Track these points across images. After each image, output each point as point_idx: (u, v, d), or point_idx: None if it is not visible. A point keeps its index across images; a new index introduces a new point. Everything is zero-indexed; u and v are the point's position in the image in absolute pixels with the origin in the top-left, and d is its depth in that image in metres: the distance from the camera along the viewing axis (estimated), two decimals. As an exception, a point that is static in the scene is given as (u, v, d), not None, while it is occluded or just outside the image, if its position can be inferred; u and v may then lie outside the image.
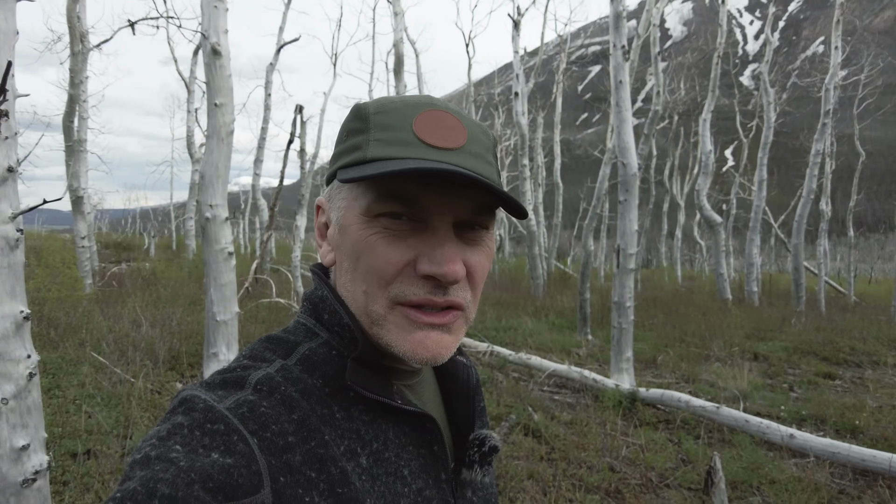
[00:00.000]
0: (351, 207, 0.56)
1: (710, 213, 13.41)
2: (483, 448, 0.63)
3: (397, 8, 7.79)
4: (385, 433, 0.56)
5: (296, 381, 0.53)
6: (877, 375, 7.18)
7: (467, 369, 0.70)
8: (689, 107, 23.08)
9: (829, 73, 12.43)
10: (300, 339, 0.58)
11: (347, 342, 0.58)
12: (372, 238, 0.54)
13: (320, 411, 0.53)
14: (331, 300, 0.60)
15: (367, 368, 0.56)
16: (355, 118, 0.58)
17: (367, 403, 0.56)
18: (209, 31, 3.91)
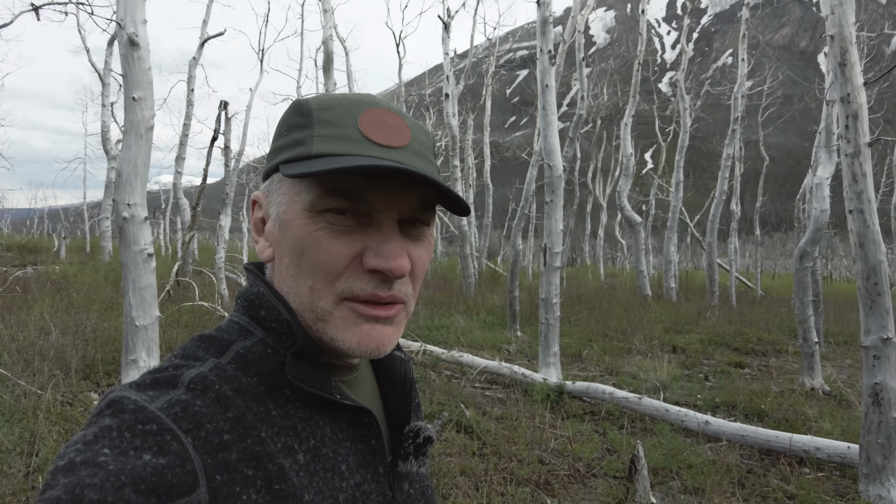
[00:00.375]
0: (293, 203, 0.56)
1: (631, 214, 14.04)
2: (418, 440, 0.64)
3: (326, 5, 7.67)
4: (322, 429, 0.55)
5: (230, 379, 0.52)
6: (779, 363, 7.78)
7: (404, 364, 0.71)
8: (611, 111, 24.07)
9: (737, 83, 13.33)
10: (234, 338, 0.57)
11: (285, 339, 0.57)
12: (317, 233, 0.54)
13: (256, 409, 0.52)
14: (268, 296, 0.58)
15: (305, 364, 0.55)
16: (296, 113, 0.58)
17: (304, 400, 0.55)
18: (125, 20, 3.71)
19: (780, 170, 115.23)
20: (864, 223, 3.37)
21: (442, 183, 0.54)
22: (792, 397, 5.80)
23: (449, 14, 13.37)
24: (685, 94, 15.77)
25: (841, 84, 3.21)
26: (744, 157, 19.68)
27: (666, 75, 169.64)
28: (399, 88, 20.55)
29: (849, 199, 3.37)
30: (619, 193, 14.04)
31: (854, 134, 3.25)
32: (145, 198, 3.92)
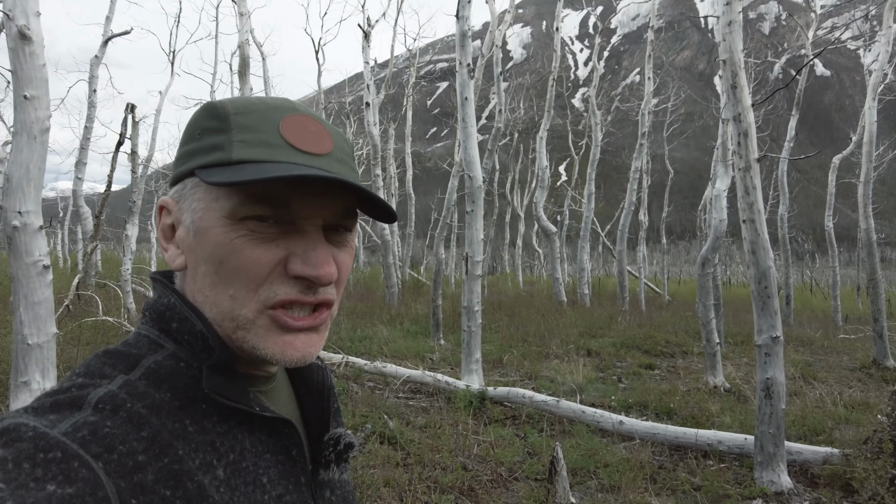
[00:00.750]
0: (210, 209, 0.54)
1: (547, 224, 14.54)
2: (338, 447, 0.64)
3: (242, 8, 7.45)
4: (241, 443, 0.54)
5: (142, 396, 0.50)
6: (686, 363, 8.28)
7: (321, 371, 0.70)
8: (527, 125, 24.86)
9: (644, 101, 14.17)
10: (143, 352, 0.54)
11: (199, 351, 0.55)
12: (238, 241, 0.52)
13: (171, 426, 0.50)
14: (180, 307, 0.56)
15: (222, 376, 0.54)
16: (210, 116, 0.56)
17: (221, 414, 0.53)
18: (15, 11, 3.43)
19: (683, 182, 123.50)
20: (755, 232, 3.68)
21: (371, 192, 0.55)
22: (697, 395, 6.19)
23: (369, 23, 13.35)
24: (597, 109, 16.56)
25: (733, 104, 3.50)
26: (651, 170, 20.94)
27: (579, 91, 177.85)
28: (318, 95, 20.24)
29: (742, 210, 3.67)
30: (536, 204, 14.50)
31: (745, 150, 3.55)
32: (40, 205, 3.62)
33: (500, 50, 11.71)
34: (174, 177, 0.58)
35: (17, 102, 3.58)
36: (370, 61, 13.15)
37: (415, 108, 21.51)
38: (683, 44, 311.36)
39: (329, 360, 6.87)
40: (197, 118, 0.58)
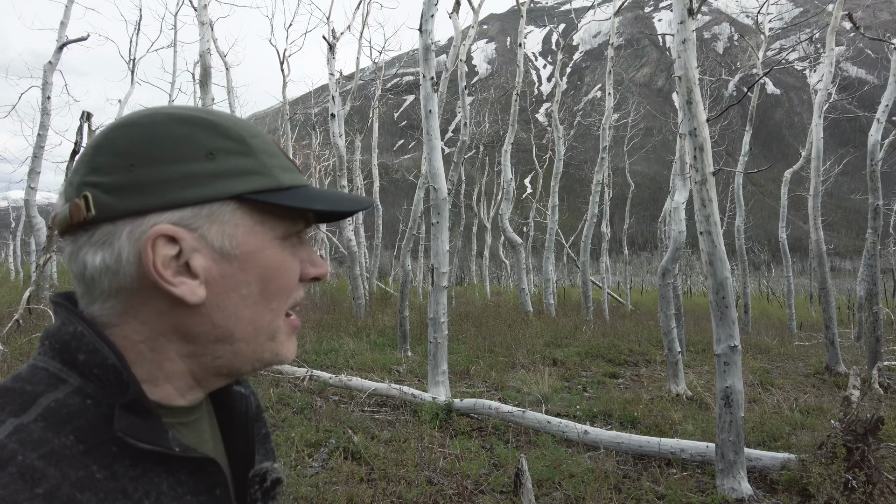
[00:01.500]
0: (255, 232, 0.54)
1: (512, 235, 14.68)
2: (265, 483, 0.61)
3: (203, 17, 7.36)
4: (158, 486, 0.49)
5: (37, 444, 0.44)
6: (649, 372, 8.42)
7: (245, 399, 0.67)
8: (493, 138, 25.14)
9: (605, 115, 14.49)
10: (40, 389, 0.48)
11: (110, 387, 0.49)
12: (287, 259, 0.56)
13: (75, 476, 0.44)
14: (89, 337, 0.50)
15: (137, 415, 0.49)
16: (221, 136, 0.53)
17: (134, 456, 0.48)
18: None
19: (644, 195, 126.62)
20: (712, 243, 3.78)
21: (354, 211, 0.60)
22: (660, 403, 6.29)
23: (334, 35, 13.33)
24: (559, 124, 16.86)
25: (689, 119, 3.61)
26: (612, 182, 21.39)
27: (542, 106, 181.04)
28: (284, 106, 20.07)
29: (699, 222, 3.77)
30: (502, 216, 14.63)
31: (701, 164, 3.66)
32: (-14, 217, 3.48)
33: (465, 64, 11.83)
34: (165, 203, 0.51)
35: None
36: (335, 73, 13.11)
37: (381, 120, 21.52)
38: (643, 61, 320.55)
39: (293, 373, 6.75)
40: (193, 135, 0.52)
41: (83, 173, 0.51)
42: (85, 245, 0.51)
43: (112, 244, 0.50)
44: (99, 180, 0.50)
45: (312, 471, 3.99)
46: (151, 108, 0.55)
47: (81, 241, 0.51)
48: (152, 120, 0.52)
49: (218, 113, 0.56)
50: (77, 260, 0.52)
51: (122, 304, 0.52)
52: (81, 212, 0.50)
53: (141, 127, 0.52)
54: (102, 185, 0.50)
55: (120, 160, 0.50)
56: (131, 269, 0.50)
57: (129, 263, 0.50)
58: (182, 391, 0.55)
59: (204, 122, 0.53)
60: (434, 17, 6.04)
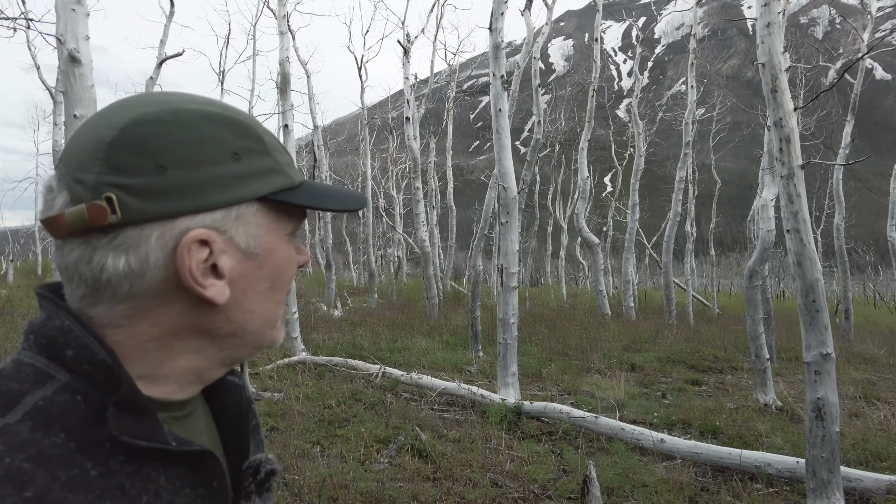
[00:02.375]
0: (272, 230, 0.55)
1: (589, 235, 14.31)
2: (259, 475, 0.61)
3: (282, 28, 7.70)
4: (155, 481, 0.48)
5: (24, 445, 0.42)
6: (735, 380, 7.95)
7: (238, 389, 0.66)
8: (569, 136, 24.65)
9: (688, 109, 13.84)
10: (26, 387, 0.46)
11: (100, 383, 0.48)
12: (292, 253, 0.58)
13: (66, 476, 0.43)
14: (77, 331, 0.48)
15: (131, 412, 0.47)
16: (243, 136, 0.53)
17: (129, 453, 0.47)
18: (66, 35, 3.63)
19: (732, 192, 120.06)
20: (800, 242, 3.50)
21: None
22: (745, 413, 5.92)
23: (409, 39, 13.54)
24: (639, 119, 16.28)
25: (773, 109, 3.35)
26: (697, 180, 20.39)
27: (623, 102, 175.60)
28: (362, 112, 20.62)
29: (786, 220, 3.50)
30: (578, 216, 14.31)
31: (788, 157, 3.39)
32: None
33: (541, 62, 11.67)
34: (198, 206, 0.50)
35: (68, 122, 3.77)
36: (410, 77, 13.32)
37: (456, 121, 21.64)
38: (730, 52, 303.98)
39: (366, 370, 6.91)
40: (219, 135, 0.51)
41: (98, 172, 0.47)
42: (104, 248, 0.48)
43: (138, 248, 0.48)
44: (124, 181, 0.47)
45: (379, 466, 4.06)
46: (168, 99, 0.52)
47: (98, 243, 0.48)
48: (178, 117, 0.50)
49: (234, 108, 0.55)
50: (91, 264, 0.48)
51: (134, 307, 0.50)
52: (106, 215, 0.47)
53: (167, 125, 0.49)
54: (129, 187, 0.47)
55: (149, 161, 0.48)
56: (158, 273, 0.49)
57: (157, 268, 0.49)
58: (182, 387, 0.54)
59: (228, 120, 0.53)
60: (504, 16, 5.99)
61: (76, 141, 0.50)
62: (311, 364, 7.17)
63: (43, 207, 0.50)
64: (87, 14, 3.68)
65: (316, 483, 3.53)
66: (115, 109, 0.51)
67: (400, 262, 25.41)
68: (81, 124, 0.52)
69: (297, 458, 3.95)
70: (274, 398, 5.64)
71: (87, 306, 0.50)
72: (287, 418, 4.97)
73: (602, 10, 13.87)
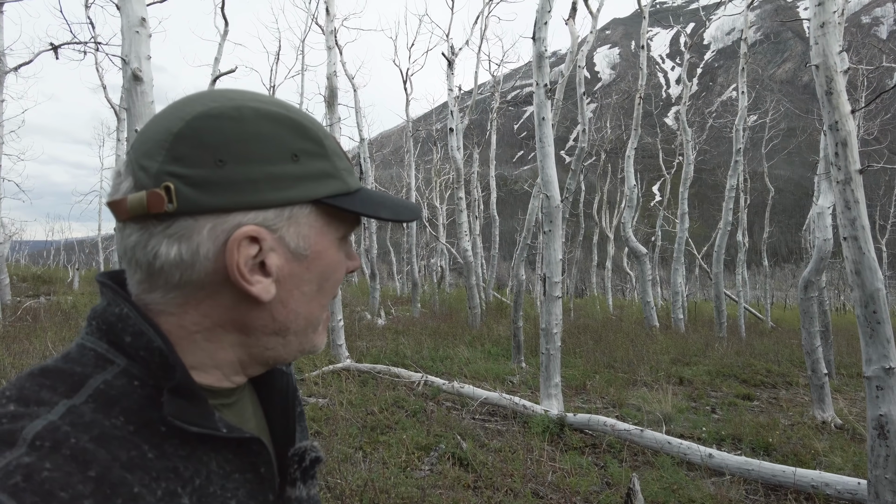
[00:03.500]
0: (324, 233, 0.56)
1: (636, 245, 14.02)
2: (304, 462, 0.62)
3: (330, 43, 7.92)
4: (207, 465, 0.50)
5: (89, 426, 0.44)
6: (789, 395, 7.62)
7: (285, 377, 0.68)
8: (615, 145, 24.28)
9: (739, 116, 13.44)
10: (89, 370, 0.48)
11: (156, 369, 0.50)
12: (341, 258, 0.59)
13: (126, 456, 0.44)
14: (135, 319, 0.50)
15: (184, 398, 0.49)
16: (302, 137, 0.54)
17: (183, 436, 0.49)
18: (130, 56, 3.84)
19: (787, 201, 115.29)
20: (858, 250, 3.35)
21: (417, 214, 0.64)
22: (801, 430, 5.66)
23: (453, 52, 13.67)
24: (688, 127, 15.90)
25: (828, 112, 3.23)
26: (750, 188, 19.72)
27: (671, 109, 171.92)
28: (407, 124, 20.88)
29: (842, 227, 3.36)
30: (624, 225, 14.05)
31: (844, 161, 3.26)
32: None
33: (586, 70, 11.58)
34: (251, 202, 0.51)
35: (130, 137, 3.99)
36: (454, 88, 13.43)
37: (500, 132, 21.66)
38: (785, 55, 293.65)
39: (408, 378, 6.95)
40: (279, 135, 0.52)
41: (162, 161, 0.49)
42: (159, 235, 0.49)
43: (191, 238, 0.49)
44: (183, 172, 0.48)
45: (420, 473, 4.08)
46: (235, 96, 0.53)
47: (154, 230, 0.49)
48: (240, 114, 0.51)
49: (297, 110, 0.56)
50: (147, 249, 0.49)
51: (186, 295, 0.51)
52: (163, 203, 0.48)
53: (230, 121, 0.50)
54: (187, 178, 0.48)
55: (208, 154, 0.49)
56: (208, 264, 0.50)
57: (207, 259, 0.50)
58: (228, 375, 0.56)
59: (289, 121, 0.53)
60: (547, 25, 5.99)
61: (147, 130, 0.52)
62: (356, 371, 7.27)
63: (110, 191, 0.52)
64: (149, 35, 3.88)
65: (358, 487, 3.58)
66: (186, 102, 0.52)
67: (443, 272, 25.47)
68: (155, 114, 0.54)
69: (340, 462, 4.01)
70: (319, 404, 5.75)
71: (143, 292, 0.52)
72: (331, 423, 5.05)
73: (648, 16, 13.66)
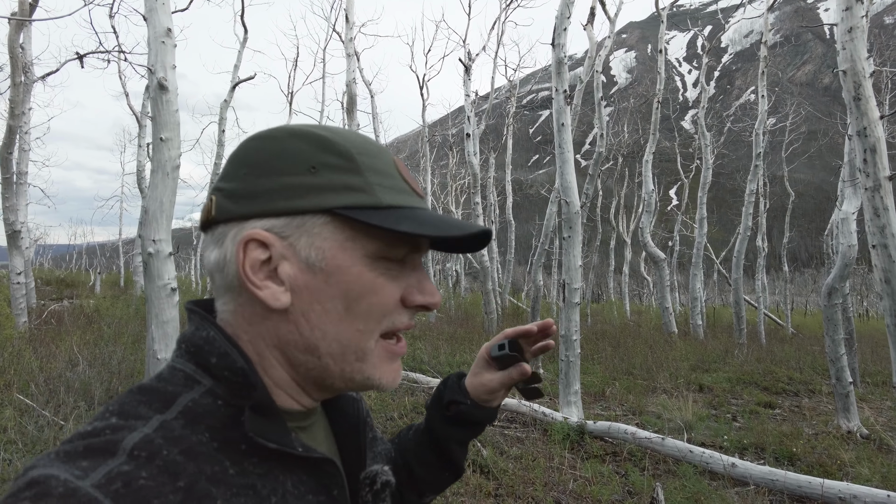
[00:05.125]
0: (346, 249, 0.54)
1: (654, 250, 13.90)
2: (375, 486, 0.63)
3: (349, 50, 7.98)
4: (283, 485, 0.52)
5: (178, 440, 0.47)
6: (812, 403, 7.49)
7: (356, 403, 0.70)
8: (632, 149, 24.14)
9: (758, 119, 13.29)
10: (179, 389, 0.51)
11: (239, 389, 0.52)
12: (379, 280, 0.55)
13: (210, 471, 0.47)
14: (220, 341, 0.54)
15: (264, 417, 0.52)
16: (326, 152, 0.55)
17: (261, 455, 0.51)
18: (156, 65, 3.91)
19: (808, 205, 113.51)
20: (889, 258, 3.30)
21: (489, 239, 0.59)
22: (826, 440, 5.56)
23: (470, 57, 13.70)
24: (706, 131, 15.76)
25: (857, 118, 3.19)
26: (769, 192, 19.47)
27: (688, 113, 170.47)
28: (423, 129, 20.95)
29: (871, 234, 3.31)
30: (642, 230, 13.94)
31: (873, 168, 3.22)
32: (170, 234, 4.04)
33: (602, 75, 11.54)
34: (271, 209, 0.54)
35: (155, 144, 4.05)
36: (471, 94, 13.46)
37: (517, 136, 21.64)
38: (805, 58, 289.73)
39: (427, 383, 6.96)
40: (302, 150, 0.55)
41: (217, 179, 0.58)
42: (207, 241, 0.57)
43: (223, 244, 0.55)
44: (222, 185, 0.56)
45: (442, 480, 4.07)
46: (286, 125, 0.58)
47: (207, 238, 0.57)
48: (275, 134, 0.56)
49: (338, 130, 0.58)
50: (205, 255, 0.57)
51: (233, 302, 0.56)
52: (209, 213, 0.56)
53: (264, 140, 0.56)
54: (224, 190, 0.55)
55: (238, 168, 0.55)
56: (233, 268, 0.54)
57: (231, 262, 0.54)
58: (295, 397, 0.58)
59: (316, 137, 0.56)
60: (567, 31, 5.98)
61: None
62: (374, 376, 7.28)
63: None
64: (175, 45, 3.95)
65: (380, 493, 3.58)
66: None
67: (458, 277, 25.47)
68: None
69: (362, 467, 4.02)
70: (338, 408, 5.77)
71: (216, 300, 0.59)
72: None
73: (666, 20, 13.58)
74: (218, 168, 15.15)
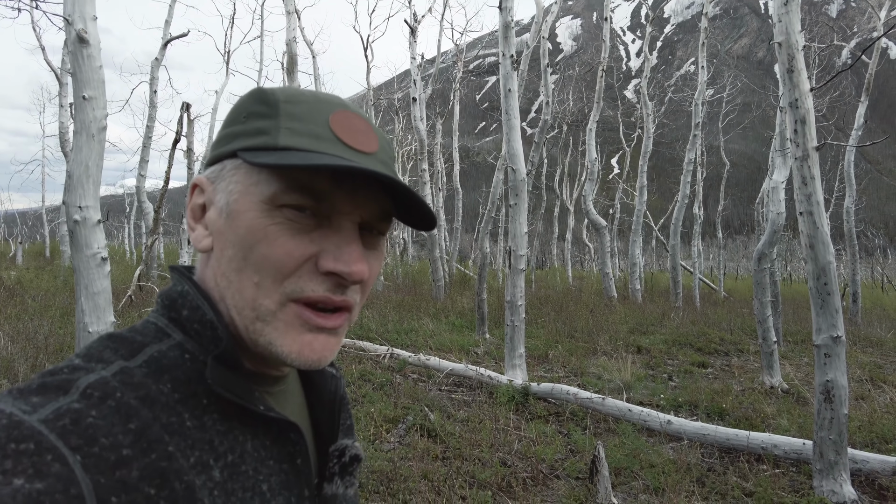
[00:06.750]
0: (248, 193, 0.52)
1: (596, 217, 14.25)
2: (343, 459, 0.61)
3: (289, 7, 7.61)
4: (242, 445, 0.51)
5: (137, 386, 0.47)
6: (741, 362, 7.96)
7: (335, 381, 0.69)
8: (577, 117, 24.43)
9: (698, 90, 13.68)
10: (148, 340, 0.52)
11: (207, 342, 0.53)
12: (272, 228, 0.51)
13: (166, 419, 0.47)
14: (192, 295, 0.54)
15: (228, 369, 0.51)
16: (259, 102, 0.55)
17: (223, 412, 0.50)
18: (74, 16, 3.60)
19: (741, 175, 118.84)
20: (813, 225, 3.48)
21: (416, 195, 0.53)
22: (752, 396, 5.94)
23: (415, 18, 13.39)
24: (648, 100, 16.10)
25: (789, 90, 3.31)
26: (706, 162, 20.21)
27: (631, 83, 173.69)
28: (367, 92, 20.49)
29: (799, 202, 3.47)
30: (585, 198, 14.24)
31: (802, 138, 3.36)
32: (98, 200, 3.80)
33: (549, 42, 11.52)
34: (212, 157, 0.57)
35: (77, 103, 3.76)
36: (417, 57, 13.20)
37: (463, 102, 21.47)
38: (741, 31, 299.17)
39: (374, 351, 6.96)
40: (244, 102, 0.57)
41: None
42: None
43: None
44: None
45: (389, 446, 4.11)
46: None
47: None
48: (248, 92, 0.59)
49: (290, 88, 0.57)
50: None
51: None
52: None
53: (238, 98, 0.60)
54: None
55: None
56: None
57: None
58: (264, 360, 0.57)
59: (262, 91, 0.56)
60: (514, -6, 5.90)
61: None
62: (320, 345, 7.22)
63: None
64: (95, -7, 3.65)
65: (327, 461, 3.58)
66: None
67: (405, 245, 25.43)
68: None
69: (309, 436, 4.00)
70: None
71: None
72: (297, 398, 5.02)
73: (612, -12, 13.65)
74: (151, 131, 14.35)
